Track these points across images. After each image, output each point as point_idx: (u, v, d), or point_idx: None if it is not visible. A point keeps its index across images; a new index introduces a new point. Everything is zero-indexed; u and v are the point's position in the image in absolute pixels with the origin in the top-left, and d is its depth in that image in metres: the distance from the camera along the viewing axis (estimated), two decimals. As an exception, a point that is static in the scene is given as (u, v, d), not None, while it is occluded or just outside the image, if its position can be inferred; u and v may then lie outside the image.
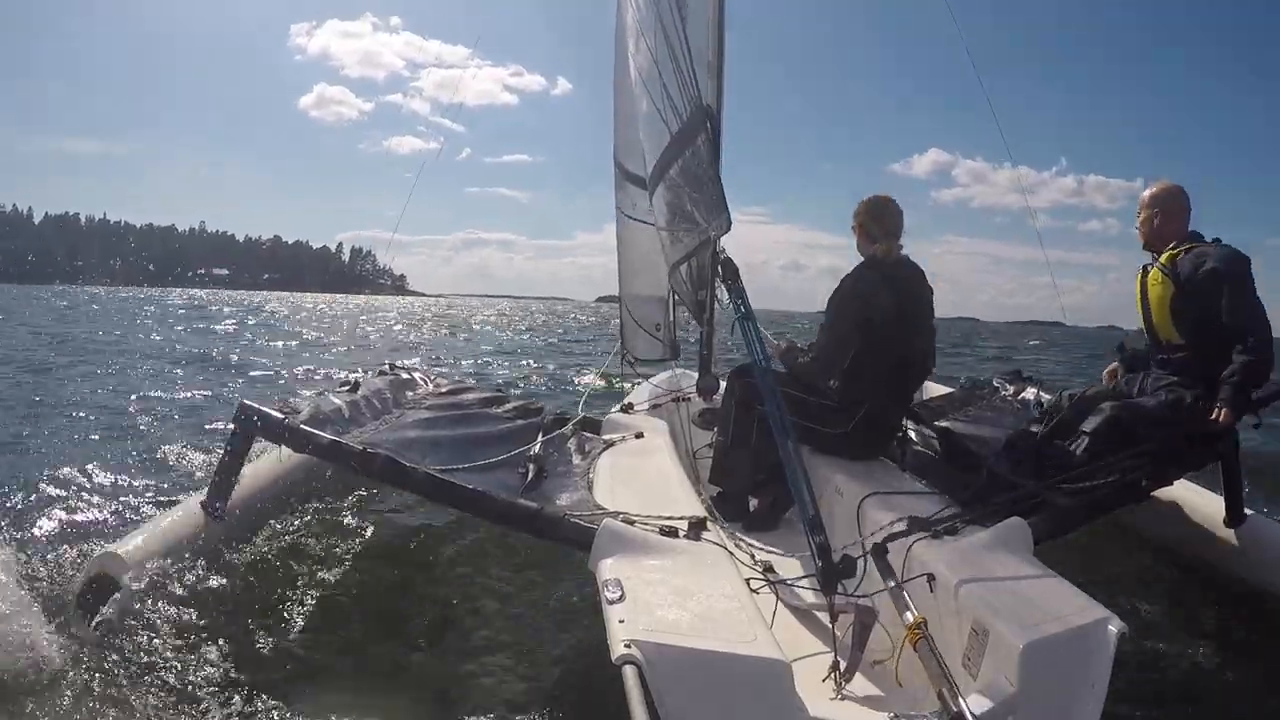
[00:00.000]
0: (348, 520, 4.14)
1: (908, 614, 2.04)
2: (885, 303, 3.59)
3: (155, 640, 2.62)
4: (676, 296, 5.36)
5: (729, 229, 2.77)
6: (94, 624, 2.59)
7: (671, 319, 5.66)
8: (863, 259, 3.81)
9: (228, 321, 30.47)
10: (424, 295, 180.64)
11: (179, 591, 2.91)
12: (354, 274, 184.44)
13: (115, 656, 2.51)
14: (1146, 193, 3.74)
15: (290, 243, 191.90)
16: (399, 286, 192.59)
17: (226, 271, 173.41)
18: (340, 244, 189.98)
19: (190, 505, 3.26)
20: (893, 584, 2.19)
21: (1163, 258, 3.58)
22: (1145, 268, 3.70)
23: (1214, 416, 3.27)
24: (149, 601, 2.76)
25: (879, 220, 3.78)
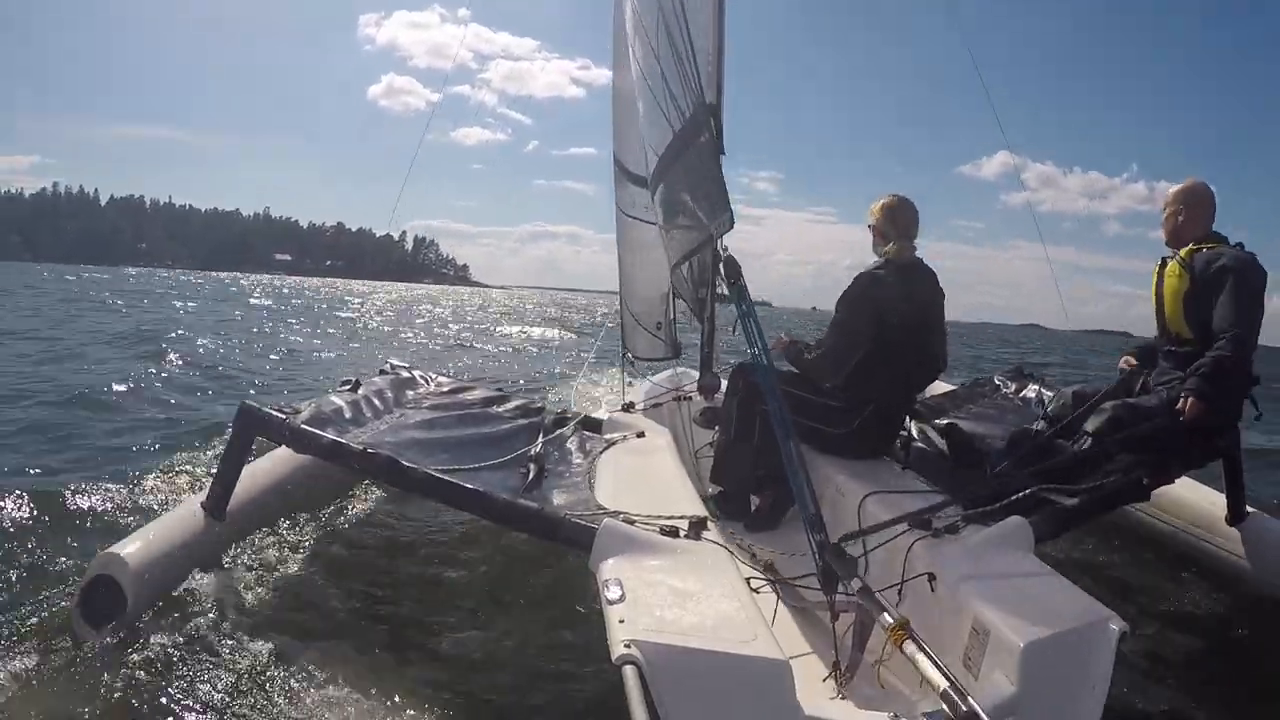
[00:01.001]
0: (349, 520, 4.15)
1: (885, 615, 2.03)
2: (899, 305, 3.58)
3: (154, 641, 2.62)
4: (677, 295, 5.35)
5: (731, 227, 2.77)
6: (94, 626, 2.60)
7: (672, 317, 5.66)
8: (876, 259, 3.79)
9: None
10: (487, 286, 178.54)
11: (179, 592, 2.91)
12: (417, 263, 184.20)
13: (113, 658, 2.51)
14: (1172, 189, 3.73)
15: (354, 230, 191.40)
16: (462, 277, 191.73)
17: (289, 257, 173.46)
18: (404, 233, 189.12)
19: (191, 506, 3.26)
20: (860, 585, 2.18)
21: (1182, 252, 3.59)
22: (1164, 260, 3.70)
23: (1179, 408, 3.24)
24: (147, 604, 2.76)
25: (894, 221, 3.76)
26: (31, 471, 4.81)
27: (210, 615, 2.84)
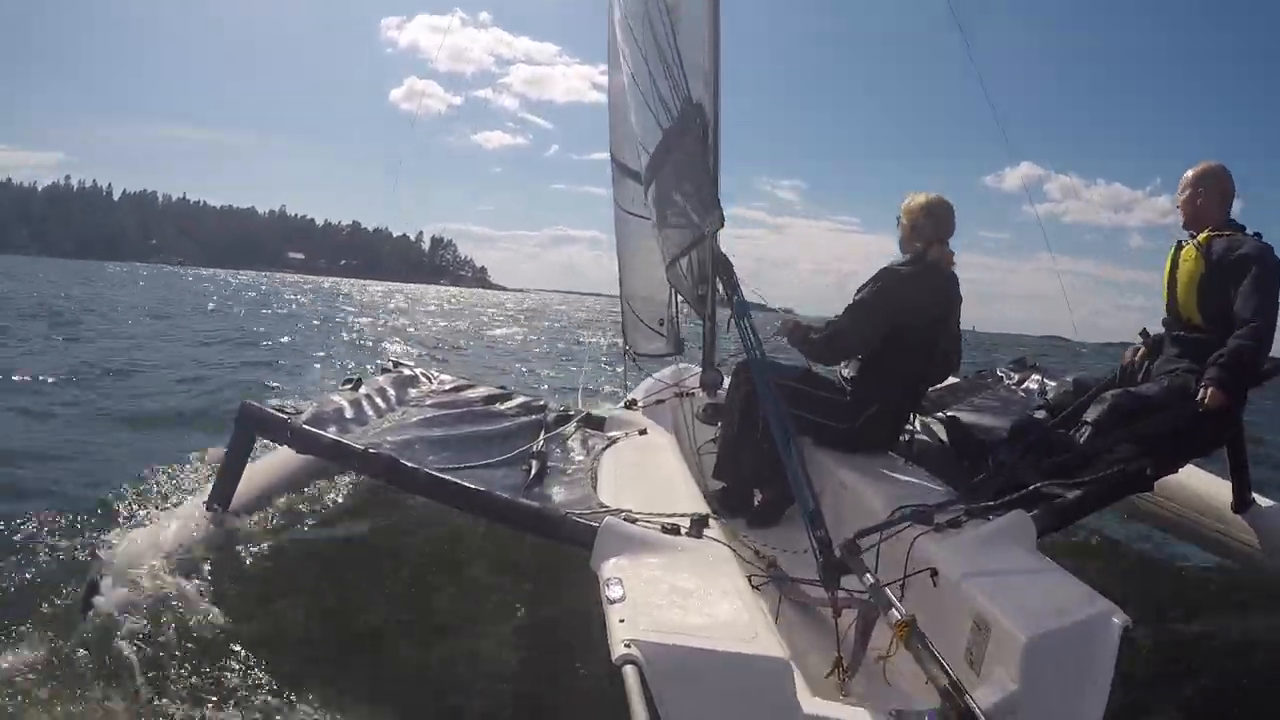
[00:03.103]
0: (350, 520, 4.15)
1: (893, 611, 2.03)
2: (921, 305, 3.54)
3: (156, 640, 2.63)
4: (677, 292, 5.34)
5: (721, 226, 2.77)
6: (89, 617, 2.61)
7: (674, 314, 5.65)
8: (905, 256, 3.72)
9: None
10: (505, 289, 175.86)
11: (180, 592, 2.92)
12: (434, 264, 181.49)
13: (117, 655, 2.52)
14: (1190, 172, 3.67)
15: (370, 230, 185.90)
16: (480, 279, 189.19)
17: (302, 256, 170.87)
18: (420, 233, 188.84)
19: (192, 505, 3.27)
20: (872, 581, 2.18)
21: (1200, 237, 3.56)
22: (1179, 244, 3.67)
23: (1200, 397, 3.21)
24: (149, 602, 2.77)
25: (936, 222, 3.68)
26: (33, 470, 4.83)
27: (211, 614, 2.85)
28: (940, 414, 4.45)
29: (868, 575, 2.26)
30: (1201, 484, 4.11)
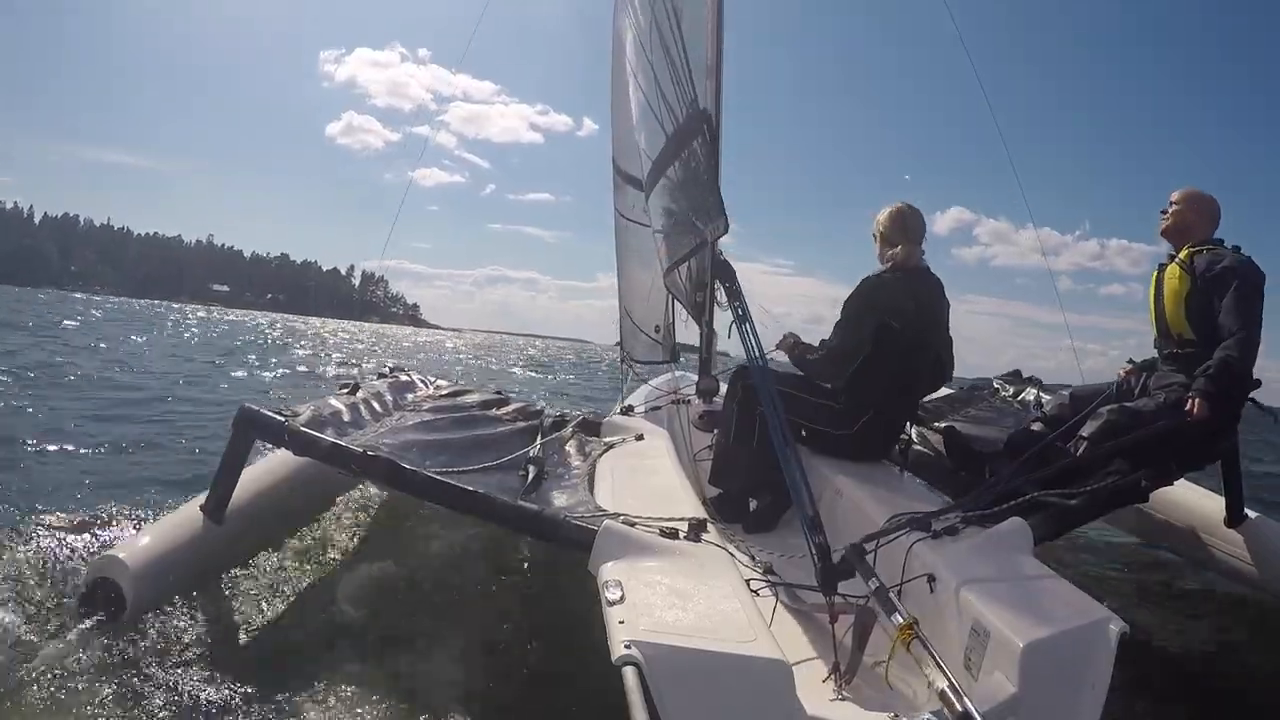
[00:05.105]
0: (348, 523, 4.14)
1: (896, 615, 2.03)
2: (904, 310, 3.56)
3: (153, 644, 2.62)
4: (675, 299, 5.36)
5: (726, 232, 2.78)
6: (95, 628, 2.60)
7: (671, 321, 5.67)
8: (883, 267, 3.77)
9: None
10: (439, 328, 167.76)
11: (178, 595, 2.91)
12: (364, 300, 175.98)
13: (114, 660, 2.51)
14: (1182, 191, 3.74)
15: (299, 263, 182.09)
16: (412, 316, 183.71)
17: (226, 288, 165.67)
18: (351, 267, 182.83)
19: (190, 509, 3.25)
20: (876, 585, 2.18)
21: (1181, 254, 3.60)
22: (1161, 265, 3.71)
23: (1188, 409, 3.25)
24: (145, 608, 2.76)
25: (901, 226, 3.75)
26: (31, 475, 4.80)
27: (209, 618, 2.84)
28: (936, 424, 4.48)
29: (874, 580, 2.26)
30: (1195, 497, 4.14)
